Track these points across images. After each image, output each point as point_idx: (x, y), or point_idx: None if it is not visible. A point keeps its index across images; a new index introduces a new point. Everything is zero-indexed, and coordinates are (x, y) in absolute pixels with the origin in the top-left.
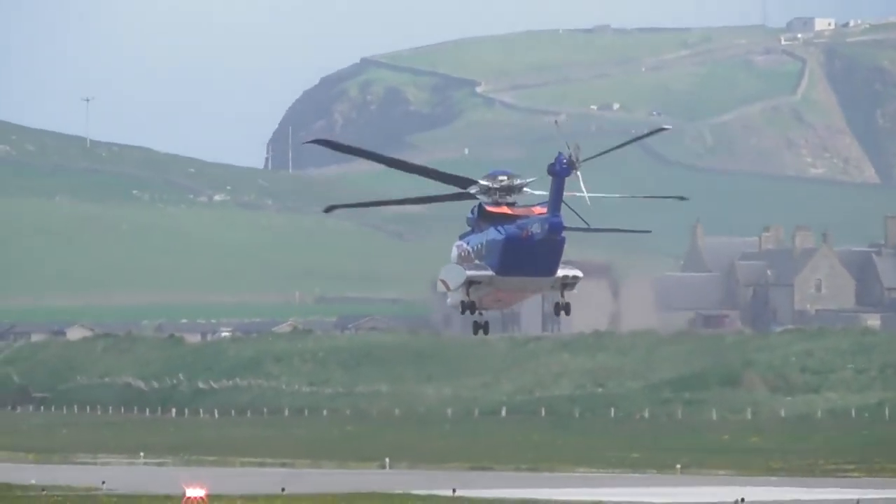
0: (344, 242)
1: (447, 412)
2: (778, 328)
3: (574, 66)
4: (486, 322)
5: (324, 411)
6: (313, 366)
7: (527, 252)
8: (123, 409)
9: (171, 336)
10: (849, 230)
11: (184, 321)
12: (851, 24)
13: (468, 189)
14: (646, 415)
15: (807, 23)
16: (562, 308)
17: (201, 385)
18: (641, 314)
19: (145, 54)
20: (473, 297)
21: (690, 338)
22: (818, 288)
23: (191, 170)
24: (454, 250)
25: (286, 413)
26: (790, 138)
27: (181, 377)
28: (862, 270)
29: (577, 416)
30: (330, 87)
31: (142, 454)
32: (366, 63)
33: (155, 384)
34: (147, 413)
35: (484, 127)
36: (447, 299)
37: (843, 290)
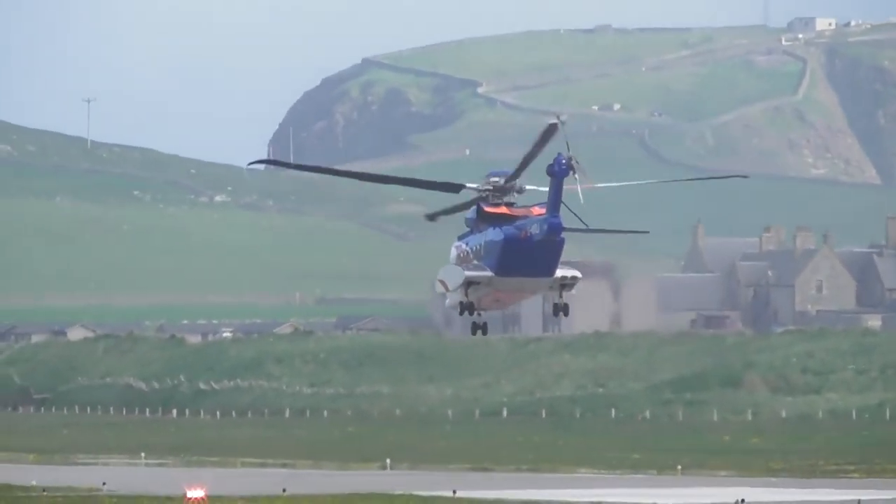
0: (345, 243)
1: (448, 413)
2: (779, 329)
3: (575, 67)
4: (485, 323)
5: (325, 412)
6: (314, 366)
7: (525, 253)
8: (124, 410)
9: (172, 337)
10: (850, 231)
11: (185, 322)
12: (852, 25)
13: (461, 191)
14: (647, 415)
15: (808, 23)
16: (560, 309)
17: (202, 386)
18: (642, 315)
19: (146, 55)
20: (472, 298)
21: (691, 338)
22: (819, 289)
23: (192, 170)
24: (453, 251)
25: (287, 414)
26: (791, 139)
27: (182, 378)
28: (863, 271)
29: (578, 417)
30: (331, 88)
31: (143, 455)
32: (367, 63)
33: (156, 385)
34: (148, 414)
35: (485, 127)
36: (446, 300)
37: (844, 291)
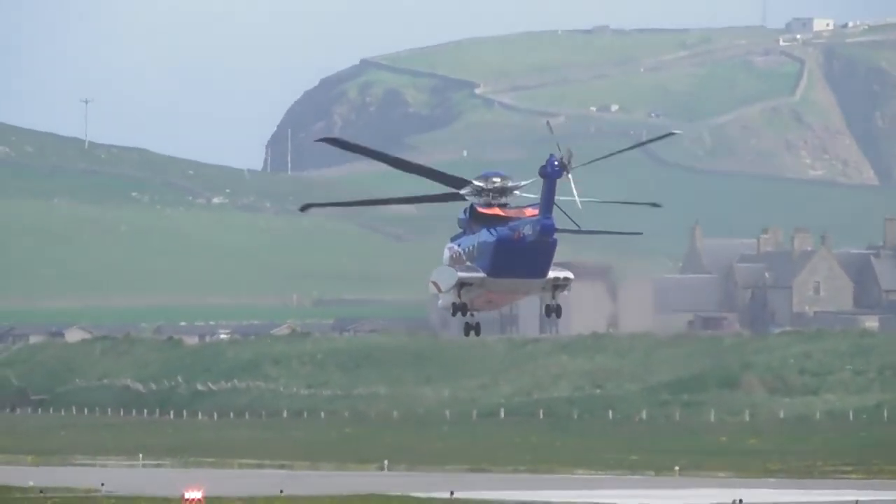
0: (342, 244)
1: (445, 414)
2: (776, 330)
3: (573, 67)
4: (478, 323)
5: (322, 413)
6: (312, 368)
7: (518, 254)
8: (122, 411)
9: (170, 338)
10: (847, 232)
11: (182, 323)
12: (850, 25)
13: (461, 190)
14: (644, 416)
15: (806, 23)
16: (553, 310)
17: (200, 387)
18: (640, 316)
19: (144, 56)
20: (465, 299)
21: (689, 340)
22: (816, 290)
23: (189, 172)
24: (446, 252)
25: (284, 415)
26: (789, 139)
27: (179, 379)
28: (860, 272)
29: (576, 418)
30: (329, 89)
31: (140, 456)
32: (365, 64)
33: (153, 386)
34: (145, 415)
35: (483, 128)
36: (438, 301)
37: (842, 292)
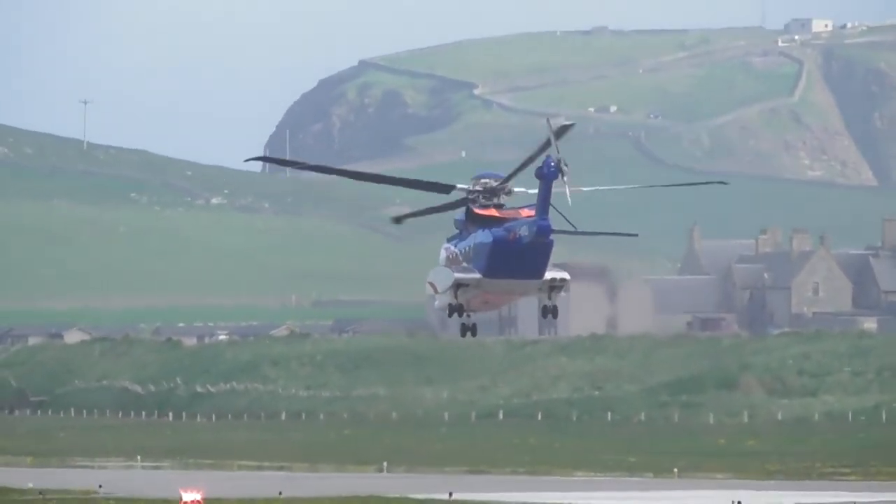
0: (341, 245)
1: (444, 415)
2: (775, 331)
3: (571, 68)
4: (474, 324)
5: (321, 415)
6: (310, 369)
7: (515, 255)
8: (121, 413)
9: (169, 339)
10: (846, 233)
11: (181, 324)
12: (849, 26)
13: (451, 192)
14: (643, 418)
15: (804, 24)
16: (550, 311)
17: (198, 388)
18: (639, 317)
19: (143, 57)
20: (461, 300)
21: (687, 341)
22: (815, 291)
23: (188, 172)
24: (442, 252)
25: (283, 416)
26: (788, 140)
27: (178, 381)
28: (859, 273)
29: (575, 420)
30: (328, 90)
31: (139, 458)
32: (364, 65)
33: (152, 388)
34: (144, 416)
35: (482, 129)
36: (435, 302)
37: (841, 293)
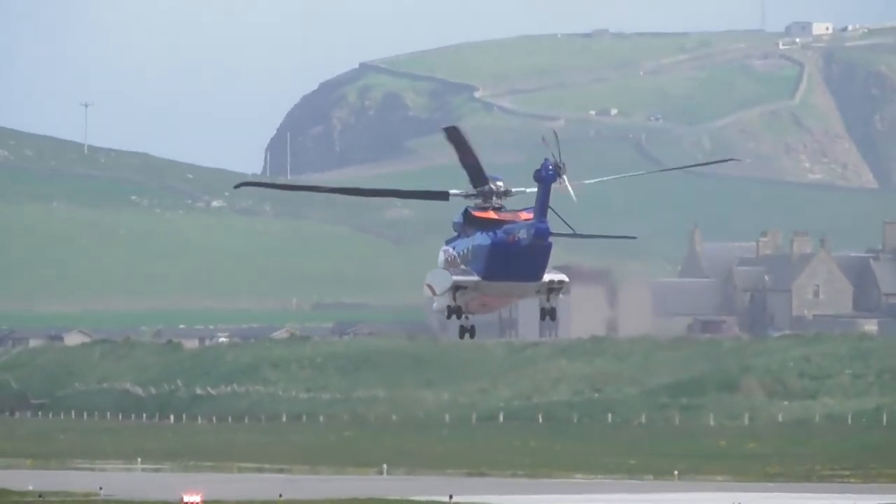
0: (341, 248)
1: (445, 417)
2: (775, 333)
3: (572, 71)
4: (473, 326)
5: (321, 417)
6: (311, 371)
7: (513, 257)
8: (121, 415)
9: (169, 342)
10: (847, 235)
11: (181, 327)
12: (849, 29)
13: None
14: (643, 420)
15: (805, 27)
16: (548, 313)
17: (199, 391)
18: (639, 320)
19: (144, 60)
20: (460, 302)
21: (688, 343)
22: (816, 293)
23: (189, 175)
24: (441, 255)
25: (284, 419)
26: (788, 143)
27: (179, 383)
28: (860, 276)
29: (575, 422)
30: (329, 92)
31: (139, 460)
32: (364, 68)
33: (153, 390)
34: (145, 419)
35: (482, 132)
36: (433, 304)
37: (841, 296)
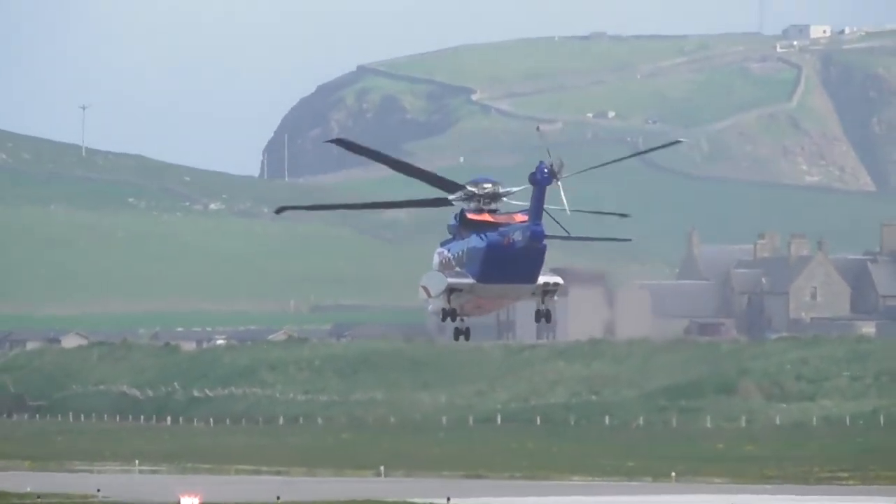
0: (339, 250)
1: (442, 420)
2: (773, 336)
3: (570, 74)
4: (468, 328)
5: (319, 419)
6: (309, 374)
7: (508, 260)
8: (118, 417)
9: (167, 344)
10: (844, 238)
11: (179, 329)
12: (847, 32)
13: (452, 195)
14: (641, 423)
15: (802, 30)
16: (543, 315)
17: (196, 393)
18: (637, 322)
19: (141, 62)
20: (454, 305)
21: (686, 346)
22: (813, 296)
23: (186, 178)
24: (435, 257)
25: (281, 421)
26: (786, 146)
27: (176, 385)
28: (857, 278)
29: (573, 424)
30: (326, 95)
31: (137, 462)
32: (362, 71)
33: (150, 392)
34: (142, 421)
35: (480, 134)
36: (428, 306)
37: (839, 298)
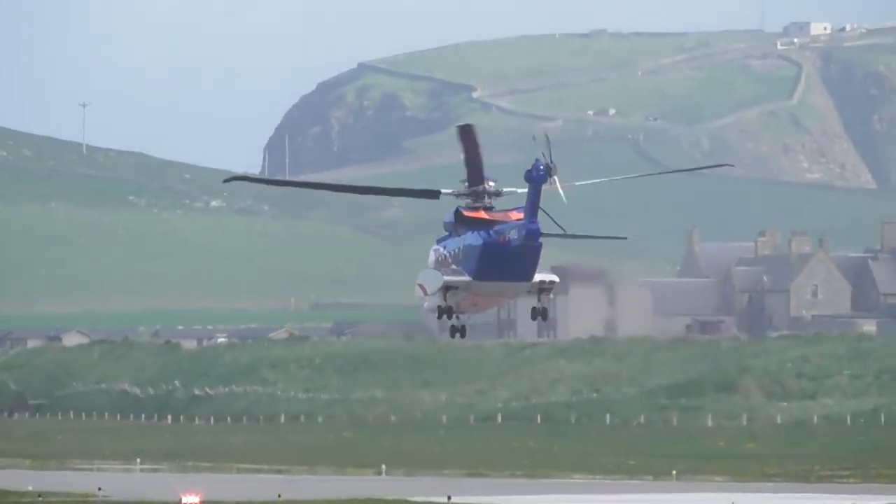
0: (340, 248)
1: (443, 418)
2: (774, 334)
3: (570, 71)
4: (464, 326)
5: (320, 417)
6: (309, 372)
7: (504, 257)
8: (119, 416)
9: (167, 342)
10: (845, 235)
11: (180, 327)
12: (848, 29)
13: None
14: (642, 421)
15: (803, 27)
16: (539, 313)
17: (197, 391)
18: (638, 320)
19: (142, 60)
20: (451, 302)
21: (686, 344)
22: (814, 293)
23: (187, 175)
24: (431, 255)
25: (282, 419)
26: (787, 143)
27: (177, 383)
28: (858, 276)
29: (573, 423)
30: (327, 93)
31: (138, 460)
32: (363, 68)
33: (151, 390)
34: (143, 419)
35: (480, 132)
36: (424, 304)
37: (840, 296)
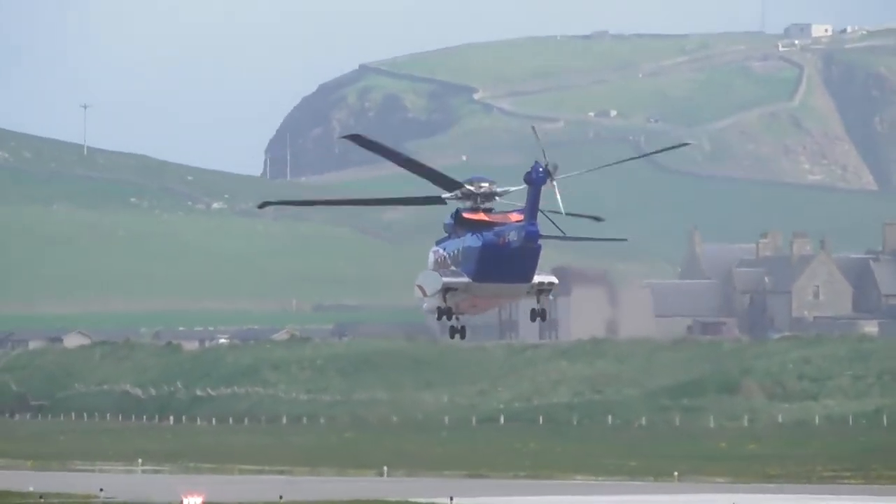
0: (341, 249)
1: (445, 419)
2: (775, 335)
3: (572, 73)
4: (463, 327)
5: (322, 419)
6: (311, 373)
7: (503, 259)
8: (121, 417)
9: (169, 343)
10: (846, 237)
11: (181, 328)
12: (849, 31)
13: (446, 194)
14: (643, 422)
15: (804, 29)
16: (538, 314)
17: (199, 392)
18: (639, 321)
19: (143, 61)
20: (450, 304)
21: (688, 345)
22: (816, 295)
23: (188, 177)
24: (431, 256)
25: (284, 420)
26: (788, 145)
27: (179, 384)
28: (859, 277)
29: (575, 424)
30: (328, 94)
31: (139, 461)
32: (364, 70)
33: (152, 391)
34: (145, 420)
35: (482, 133)
36: (423, 305)
37: (841, 297)
